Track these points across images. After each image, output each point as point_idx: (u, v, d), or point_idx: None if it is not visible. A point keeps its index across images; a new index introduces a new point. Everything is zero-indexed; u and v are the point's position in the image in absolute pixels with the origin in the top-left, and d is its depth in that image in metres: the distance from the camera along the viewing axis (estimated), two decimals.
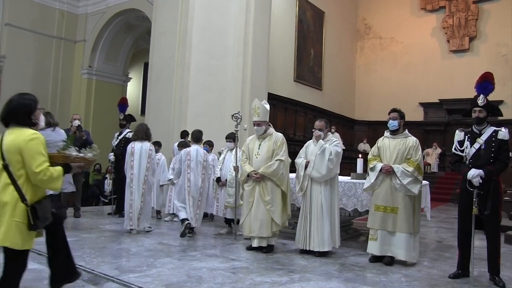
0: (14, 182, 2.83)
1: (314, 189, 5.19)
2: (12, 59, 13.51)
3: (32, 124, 3.01)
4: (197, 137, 6.49)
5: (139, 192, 6.32)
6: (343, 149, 5.68)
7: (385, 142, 5.12)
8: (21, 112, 2.98)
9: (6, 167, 2.84)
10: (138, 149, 6.43)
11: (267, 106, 5.42)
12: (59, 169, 2.96)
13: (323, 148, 5.15)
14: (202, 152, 6.42)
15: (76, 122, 7.71)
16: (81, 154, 3.21)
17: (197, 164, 6.27)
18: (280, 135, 5.41)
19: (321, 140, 5.24)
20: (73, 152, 3.17)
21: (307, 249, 5.16)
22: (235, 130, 6.24)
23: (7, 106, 3.02)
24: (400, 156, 4.93)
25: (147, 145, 6.50)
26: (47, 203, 3.00)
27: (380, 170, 4.93)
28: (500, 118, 6.18)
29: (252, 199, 5.24)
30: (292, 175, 5.73)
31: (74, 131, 7.59)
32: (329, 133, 5.55)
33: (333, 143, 5.25)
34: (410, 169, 4.80)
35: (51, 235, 3.26)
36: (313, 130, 5.43)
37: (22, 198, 2.84)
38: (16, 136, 2.88)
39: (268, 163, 5.18)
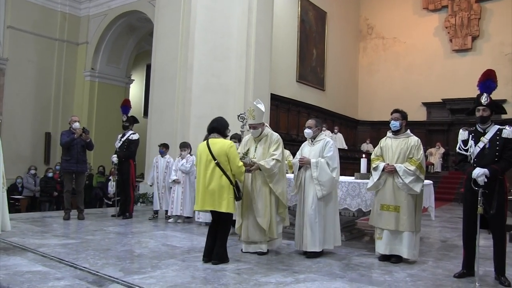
0: (225, 173, 4.61)
1: (308, 189, 5.12)
2: (14, 62, 13.53)
3: (226, 136, 4.86)
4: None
5: None
6: (345, 149, 5.63)
7: (388, 142, 5.14)
8: (223, 128, 4.85)
9: (218, 164, 4.59)
10: None
11: (262, 107, 5.22)
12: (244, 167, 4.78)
13: (317, 165, 5.05)
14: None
15: (77, 125, 7.68)
16: (248, 161, 4.90)
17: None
18: (276, 135, 5.28)
19: (312, 160, 5.10)
20: (246, 159, 4.90)
21: (300, 249, 5.10)
22: (241, 131, 6.22)
23: (215, 123, 4.84)
24: (402, 156, 4.95)
25: None
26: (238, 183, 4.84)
27: (383, 170, 4.94)
28: (504, 117, 6.18)
29: (246, 202, 5.14)
30: (290, 176, 5.72)
31: (80, 134, 7.56)
32: (322, 132, 5.46)
33: (327, 148, 5.12)
34: (412, 168, 4.82)
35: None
36: (304, 128, 5.41)
37: (231, 182, 4.64)
38: (222, 144, 4.66)
39: (267, 159, 5.04)
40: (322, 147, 5.17)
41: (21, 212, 10.54)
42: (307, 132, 5.29)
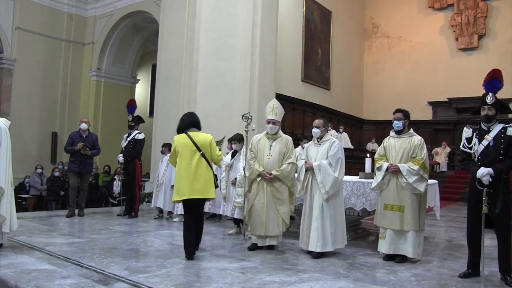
0: (208, 163, 4.96)
1: (315, 190, 5.16)
2: (22, 62, 13.65)
3: (200, 129, 5.14)
4: None
5: None
6: (350, 148, 5.70)
7: (391, 141, 5.15)
8: (198, 122, 5.16)
9: (203, 155, 4.91)
10: None
11: (283, 109, 5.59)
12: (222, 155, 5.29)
13: (320, 168, 5.12)
14: None
15: (84, 125, 7.92)
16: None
17: None
18: (289, 138, 5.51)
19: (314, 164, 5.17)
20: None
21: (306, 249, 5.14)
22: (245, 130, 6.27)
23: (194, 118, 5.17)
24: (405, 155, 4.95)
25: None
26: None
27: (386, 170, 4.95)
28: (510, 116, 6.14)
29: (265, 199, 5.26)
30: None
31: (80, 149, 7.69)
32: (329, 132, 5.56)
33: (332, 147, 5.20)
34: (416, 167, 4.82)
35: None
36: (310, 128, 5.50)
37: (212, 172, 5.04)
38: (204, 136, 5.03)
39: (282, 166, 5.26)
40: (329, 147, 5.25)
41: (28, 211, 10.63)
42: (315, 131, 5.36)
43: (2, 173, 4.82)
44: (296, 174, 5.50)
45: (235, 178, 6.54)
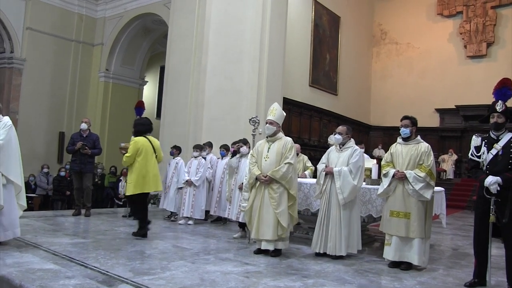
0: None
1: (333, 194, 5.24)
2: (32, 62, 13.76)
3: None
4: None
5: None
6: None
7: (398, 148, 5.14)
8: (151, 127, 6.27)
9: (156, 157, 6.05)
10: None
11: (284, 113, 5.55)
12: None
13: (340, 174, 5.20)
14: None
15: (83, 125, 8.09)
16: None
17: None
18: (289, 139, 5.40)
19: (335, 169, 5.23)
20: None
21: (324, 252, 5.20)
22: (252, 134, 6.27)
23: (147, 126, 6.22)
24: (412, 162, 4.93)
25: None
26: None
27: (393, 176, 4.93)
28: None
29: (259, 202, 5.23)
30: (312, 181, 5.75)
31: (78, 148, 7.85)
32: (351, 139, 5.54)
33: (354, 154, 5.30)
34: (422, 174, 4.79)
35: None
36: (334, 133, 5.53)
37: None
38: (157, 141, 6.21)
39: (277, 167, 5.17)
40: (350, 154, 5.33)
41: (34, 210, 10.67)
42: (337, 138, 5.42)
43: (17, 170, 4.88)
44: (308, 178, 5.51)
45: (242, 183, 6.52)
